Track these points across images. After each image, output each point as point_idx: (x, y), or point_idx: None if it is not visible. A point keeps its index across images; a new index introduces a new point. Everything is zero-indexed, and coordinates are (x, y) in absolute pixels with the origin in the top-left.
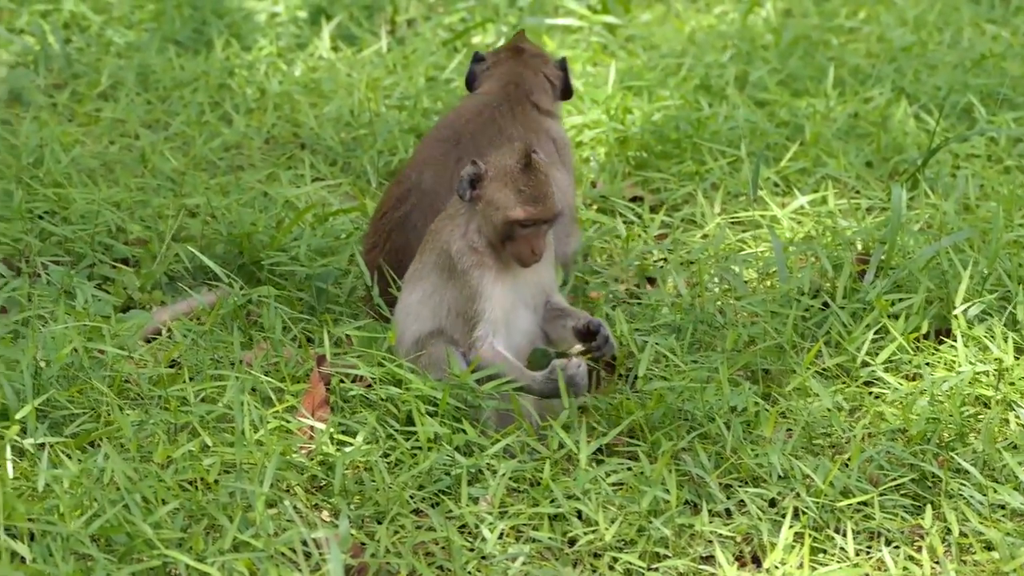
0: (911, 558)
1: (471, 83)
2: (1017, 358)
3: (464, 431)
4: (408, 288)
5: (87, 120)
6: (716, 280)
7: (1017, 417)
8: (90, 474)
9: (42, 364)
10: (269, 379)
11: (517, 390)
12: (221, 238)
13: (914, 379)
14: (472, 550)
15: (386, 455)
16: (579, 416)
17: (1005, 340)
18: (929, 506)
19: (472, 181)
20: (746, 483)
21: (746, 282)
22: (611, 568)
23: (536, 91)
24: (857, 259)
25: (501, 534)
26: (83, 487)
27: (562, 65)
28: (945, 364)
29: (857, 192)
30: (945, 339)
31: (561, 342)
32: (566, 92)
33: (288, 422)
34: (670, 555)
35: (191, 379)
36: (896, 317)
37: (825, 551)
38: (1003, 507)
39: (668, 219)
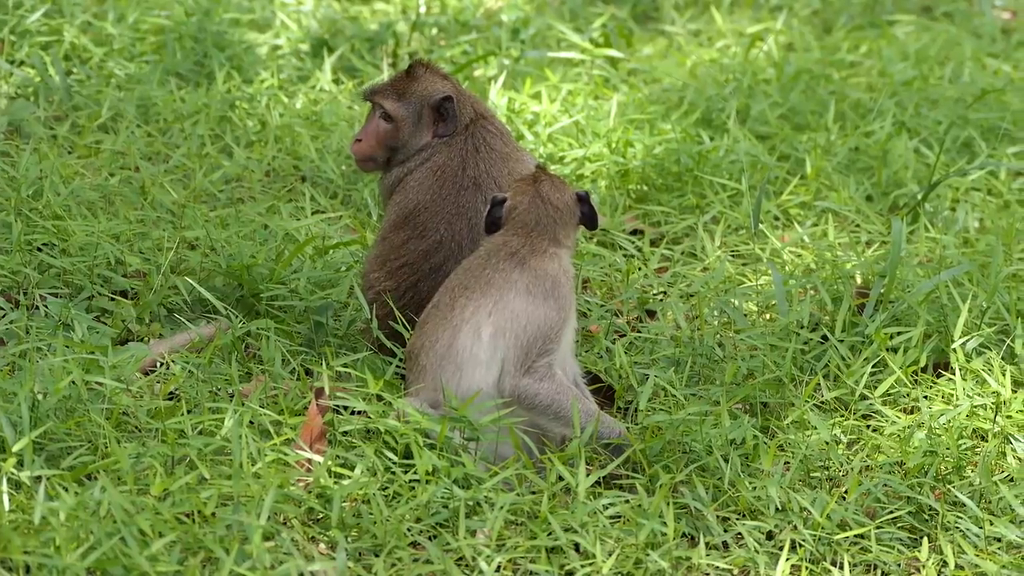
0: None
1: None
2: (1015, 391)
3: (462, 464)
4: (489, 315)
5: (87, 152)
6: (716, 313)
7: (1014, 450)
8: (87, 507)
9: (39, 396)
10: (267, 412)
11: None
12: (220, 271)
13: (912, 412)
14: None
15: (384, 488)
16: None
17: (1003, 374)
18: (926, 539)
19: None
20: (744, 516)
21: (746, 315)
22: None
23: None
24: (857, 292)
25: (499, 567)
26: (80, 520)
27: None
28: (943, 397)
29: (857, 226)
30: (943, 372)
31: None
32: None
33: (286, 455)
34: None
35: (189, 412)
36: (895, 350)
37: None
38: (999, 540)
39: (668, 252)
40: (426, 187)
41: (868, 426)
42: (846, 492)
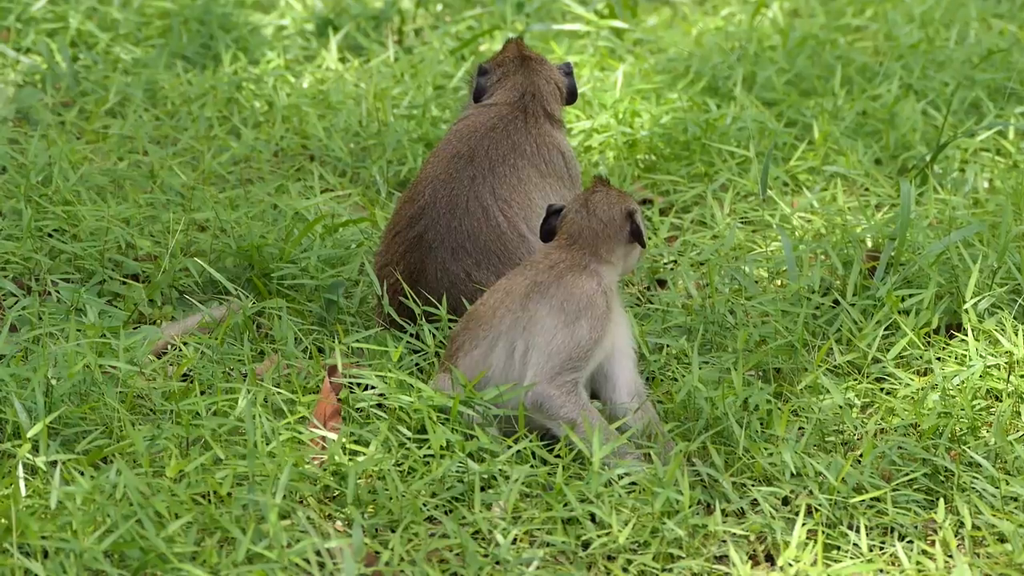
0: (924, 552)
1: (479, 96)
2: None
3: (476, 437)
4: (523, 330)
5: (95, 137)
6: (727, 281)
7: None
8: (103, 490)
9: (53, 381)
10: (280, 391)
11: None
12: (231, 252)
13: (925, 374)
14: (486, 556)
15: (399, 464)
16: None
17: (1016, 333)
18: (942, 500)
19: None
20: (759, 482)
21: (756, 282)
22: (625, 570)
23: (550, 101)
24: (867, 256)
25: (515, 539)
26: (96, 503)
27: (567, 70)
28: (956, 358)
29: (866, 189)
30: (956, 334)
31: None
32: (572, 96)
33: (300, 433)
34: (684, 556)
35: (202, 393)
36: (907, 313)
37: (839, 548)
38: (1016, 499)
39: (678, 221)
40: (433, 151)
41: (882, 389)
42: (861, 455)
